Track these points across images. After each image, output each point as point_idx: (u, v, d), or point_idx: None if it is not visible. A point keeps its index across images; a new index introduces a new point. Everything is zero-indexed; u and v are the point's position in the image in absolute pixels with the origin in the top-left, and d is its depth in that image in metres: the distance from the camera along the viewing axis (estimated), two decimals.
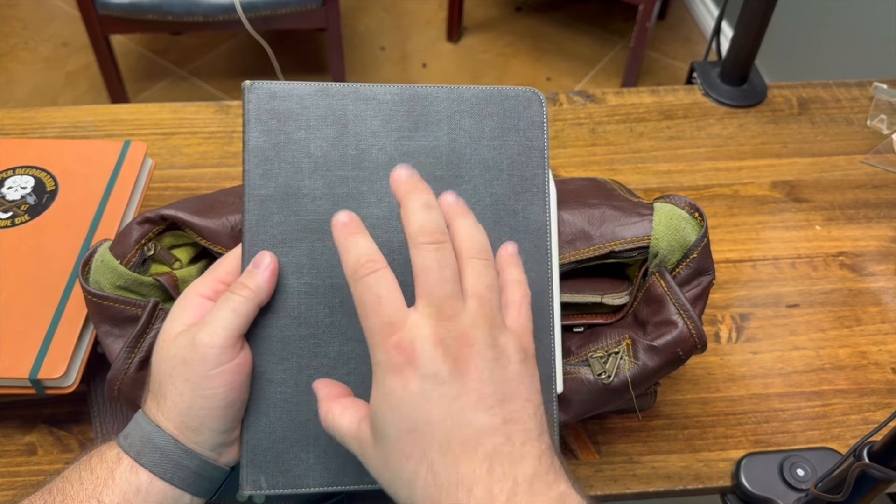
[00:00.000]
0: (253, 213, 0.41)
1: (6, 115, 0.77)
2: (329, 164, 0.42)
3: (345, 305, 0.41)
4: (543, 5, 2.42)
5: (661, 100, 0.83)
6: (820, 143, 0.80)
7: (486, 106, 0.43)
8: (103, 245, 0.47)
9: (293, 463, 0.40)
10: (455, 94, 0.43)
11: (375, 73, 2.16)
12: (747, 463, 0.54)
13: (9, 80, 2.08)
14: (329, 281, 0.41)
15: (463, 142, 0.42)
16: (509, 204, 0.42)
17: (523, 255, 0.40)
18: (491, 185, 0.42)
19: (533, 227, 0.42)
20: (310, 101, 0.42)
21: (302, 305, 0.41)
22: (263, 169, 0.41)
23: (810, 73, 1.76)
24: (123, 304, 0.46)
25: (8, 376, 0.49)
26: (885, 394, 0.60)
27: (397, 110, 0.42)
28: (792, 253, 0.69)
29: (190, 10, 1.65)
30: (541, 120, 0.43)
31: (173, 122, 0.78)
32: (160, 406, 0.38)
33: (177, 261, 0.49)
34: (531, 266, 0.41)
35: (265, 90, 0.42)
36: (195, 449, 0.38)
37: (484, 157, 0.42)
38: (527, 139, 0.43)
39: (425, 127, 0.42)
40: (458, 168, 0.42)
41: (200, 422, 0.38)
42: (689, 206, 0.48)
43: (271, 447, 0.40)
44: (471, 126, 0.43)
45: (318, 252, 0.41)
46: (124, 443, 0.39)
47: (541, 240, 0.42)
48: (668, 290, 0.47)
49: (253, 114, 0.42)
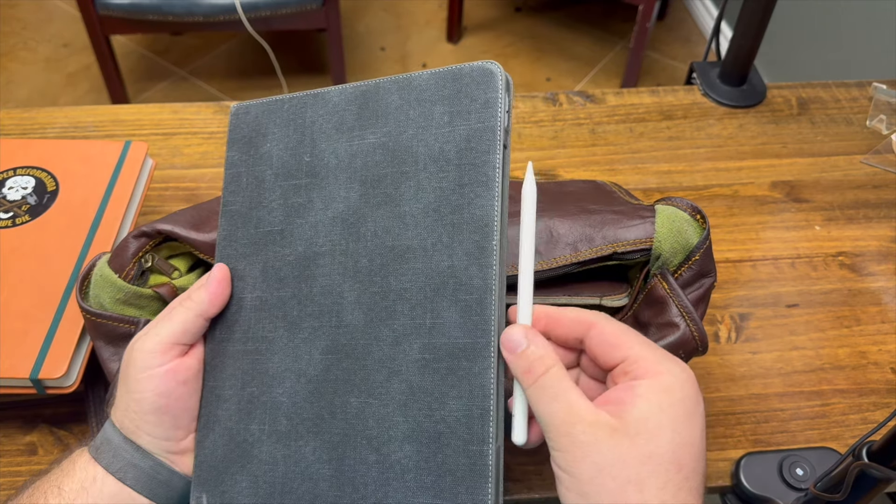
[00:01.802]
0: (223, 228, 0.42)
1: (6, 115, 0.77)
2: (286, 173, 0.41)
3: (287, 319, 0.40)
4: (543, 5, 2.42)
5: (660, 100, 0.83)
6: (820, 143, 0.80)
7: (436, 90, 0.38)
8: (101, 259, 0.48)
9: (229, 484, 0.39)
10: (404, 83, 0.39)
11: (375, 74, 2.16)
12: (747, 462, 0.54)
13: (9, 81, 2.08)
14: (276, 294, 0.40)
15: (409, 134, 0.38)
16: (453, 199, 0.37)
17: (465, 256, 0.36)
18: (436, 178, 0.37)
19: (479, 223, 0.36)
20: (276, 114, 0.42)
21: (251, 320, 0.40)
22: (235, 185, 0.42)
23: (810, 74, 1.76)
24: (117, 322, 0.46)
25: (8, 376, 0.49)
26: (885, 393, 0.60)
27: (349, 109, 0.40)
28: (792, 253, 0.70)
29: (190, 10, 1.65)
30: (496, 96, 0.36)
31: (174, 122, 0.78)
32: (113, 407, 0.40)
33: (175, 270, 0.49)
34: (473, 271, 0.36)
35: (243, 109, 0.43)
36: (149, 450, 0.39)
37: (431, 147, 0.38)
38: (479, 121, 0.37)
39: (374, 123, 0.39)
40: (403, 164, 0.38)
41: (136, 425, 0.38)
42: (691, 209, 0.48)
43: (214, 465, 0.39)
44: (418, 115, 0.38)
45: (270, 264, 0.40)
46: (91, 442, 0.40)
47: (486, 238, 0.36)
48: (670, 292, 0.47)
49: (231, 133, 0.43)
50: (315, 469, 0.38)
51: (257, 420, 0.39)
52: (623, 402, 0.33)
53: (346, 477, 0.37)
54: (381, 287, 0.38)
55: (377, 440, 0.37)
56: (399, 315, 0.37)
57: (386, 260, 0.38)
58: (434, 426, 0.36)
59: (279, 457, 0.38)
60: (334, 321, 0.38)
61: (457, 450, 0.35)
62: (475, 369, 0.35)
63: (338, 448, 0.37)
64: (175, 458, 0.40)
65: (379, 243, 0.38)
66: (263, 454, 0.39)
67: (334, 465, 0.37)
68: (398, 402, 0.36)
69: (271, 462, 0.39)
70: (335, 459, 0.37)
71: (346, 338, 0.38)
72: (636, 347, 0.34)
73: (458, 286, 0.36)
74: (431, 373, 0.36)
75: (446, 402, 0.36)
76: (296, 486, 0.38)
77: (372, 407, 0.37)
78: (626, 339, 0.35)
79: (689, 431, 0.32)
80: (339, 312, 0.38)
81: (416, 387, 0.36)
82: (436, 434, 0.36)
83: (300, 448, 0.38)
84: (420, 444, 0.36)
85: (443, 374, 0.36)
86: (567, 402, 0.33)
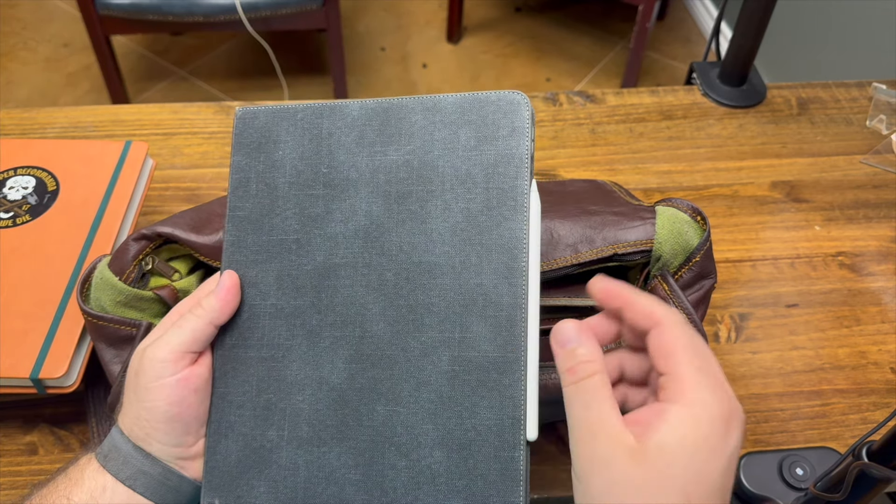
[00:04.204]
0: (231, 233, 0.42)
1: (6, 115, 0.77)
2: (302, 182, 0.41)
3: (305, 327, 0.40)
4: (543, 5, 2.42)
5: (660, 100, 0.83)
6: (819, 143, 0.80)
7: (462, 114, 0.40)
8: (102, 261, 0.48)
9: (245, 489, 0.39)
10: (430, 104, 0.40)
11: (376, 74, 2.16)
12: (747, 462, 0.54)
13: (9, 80, 2.08)
14: (293, 302, 0.40)
15: (436, 154, 0.40)
16: (481, 220, 0.38)
17: (493, 275, 0.37)
18: (464, 199, 0.39)
19: (508, 245, 0.38)
20: (289, 122, 0.42)
21: (266, 327, 0.40)
22: (243, 190, 0.42)
23: (810, 74, 1.76)
24: (118, 325, 0.46)
25: (9, 376, 0.49)
26: (885, 393, 0.60)
27: (370, 125, 0.41)
28: (791, 253, 0.70)
29: (190, 10, 1.65)
30: (524, 126, 0.39)
31: (174, 122, 0.79)
32: (121, 414, 0.40)
33: (176, 272, 0.49)
34: (503, 290, 0.37)
35: (250, 114, 0.43)
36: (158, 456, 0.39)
37: (458, 169, 0.39)
38: (506, 147, 0.39)
39: (398, 140, 0.40)
40: (429, 182, 0.39)
41: (146, 433, 0.38)
42: (691, 210, 0.48)
43: (228, 471, 0.39)
44: (445, 137, 0.40)
45: (285, 273, 0.41)
46: (98, 449, 0.40)
47: (515, 259, 0.38)
48: (670, 293, 0.47)
49: (237, 137, 0.42)
50: (341, 474, 0.38)
51: (275, 426, 0.39)
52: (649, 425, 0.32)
53: (375, 481, 0.37)
54: (407, 301, 0.39)
55: (406, 447, 0.37)
56: (427, 328, 0.38)
57: (412, 275, 0.39)
58: (464, 434, 0.37)
59: (301, 462, 0.39)
60: (358, 332, 0.39)
61: (488, 456, 0.36)
62: (506, 381, 0.36)
63: (364, 454, 0.38)
64: (185, 464, 0.40)
65: (405, 258, 0.39)
66: (283, 459, 0.39)
67: (361, 470, 0.38)
68: (427, 411, 0.37)
69: (292, 468, 0.39)
70: (362, 465, 0.38)
71: (371, 348, 0.39)
72: (683, 366, 0.33)
73: (488, 303, 0.37)
74: (461, 384, 0.37)
75: (477, 412, 0.37)
76: (320, 491, 0.38)
77: (400, 415, 0.38)
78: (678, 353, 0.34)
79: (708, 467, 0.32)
80: (362, 323, 0.39)
81: (446, 396, 0.37)
82: (466, 441, 0.37)
83: (324, 454, 0.38)
84: (450, 450, 0.37)
85: (473, 386, 0.37)
86: (599, 413, 0.33)
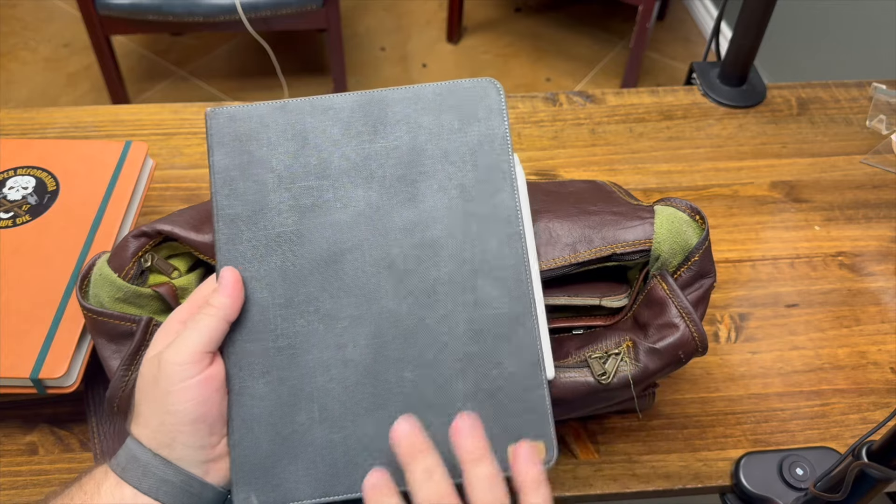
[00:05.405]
0: (222, 232, 0.42)
1: (6, 115, 0.77)
2: (293, 176, 0.43)
3: (319, 312, 0.41)
4: (543, 6, 2.42)
5: (660, 100, 0.83)
6: (819, 143, 0.80)
7: (442, 101, 0.43)
8: (101, 258, 0.48)
9: (283, 477, 0.40)
10: (411, 94, 0.44)
11: (375, 74, 2.16)
12: (746, 462, 0.54)
13: (9, 80, 2.08)
14: (303, 290, 0.41)
15: (423, 139, 0.43)
16: (475, 194, 0.42)
17: (495, 241, 0.42)
18: (456, 176, 0.43)
19: (503, 214, 0.42)
20: (269, 119, 0.43)
21: (278, 318, 0.41)
22: (229, 189, 0.43)
23: (810, 74, 1.76)
24: (118, 320, 0.46)
25: (9, 376, 0.49)
26: (884, 393, 0.60)
27: (355, 117, 0.43)
28: (791, 253, 0.70)
29: (191, 10, 1.65)
30: (499, 107, 0.43)
31: (174, 122, 0.79)
32: (138, 423, 0.39)
33: (175, 270, 0.49)
34: (506, 252, 0.42)
35: (225, 114, 0.43)
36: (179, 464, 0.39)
37: (446, 150, 0.43)
38: (488, 128, 0.43)
39: (384, 129, 0.43)
40: (420, 165, 0.43)
41: (171, 437, 0.38)
42: (690, 210, 0.48)
43: (259, 463, 0.40)
44: (430, 122, 0.43)
45: (289, 264, 0.42)
46: (113, 461, 0.39)
47: (511, 224, 0.42)
48: (669, 292, 0.47)
49: (215, 138, 0.43)
50: (379, 443, 0.40)
51: (304, 410, 0.41)
52: None
53: None
54: (418, 276, 0.42)
55: (439, 405, 0.40)
56: (441, 296, 0.41)
57: (419, 251, 0.42)
58: (492, 383, 0.40)
59: (336, 439, 0.40)
60: (375, 308, 0.41)
61: (516, 398, 0.40)
62: (521, 331, 0.41)
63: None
64: (209, 467, 0.40)
65: (409, 236, 0.42)
66: (318, 440, 0.40)
67: None
68: (454, 370, 0.41)
69: (328, 445, 0.40)
70: None
71: (389, 322, 0.41)
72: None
73: (493, 266, 0.42)
74: (481, 341, 0.41)
75: (500, 362, 0.41)
76: (361, 461, 0.40)
77: (429, 377, 0.41)
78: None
79: None
80: (378, 300, 0.41)
81: (470, 353, 0.41)
82: (494, 389, 0.40)
83: (360, 427, 0.40)
84: (481, 401, 0.40)
85: (492, 340, 0.41)
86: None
